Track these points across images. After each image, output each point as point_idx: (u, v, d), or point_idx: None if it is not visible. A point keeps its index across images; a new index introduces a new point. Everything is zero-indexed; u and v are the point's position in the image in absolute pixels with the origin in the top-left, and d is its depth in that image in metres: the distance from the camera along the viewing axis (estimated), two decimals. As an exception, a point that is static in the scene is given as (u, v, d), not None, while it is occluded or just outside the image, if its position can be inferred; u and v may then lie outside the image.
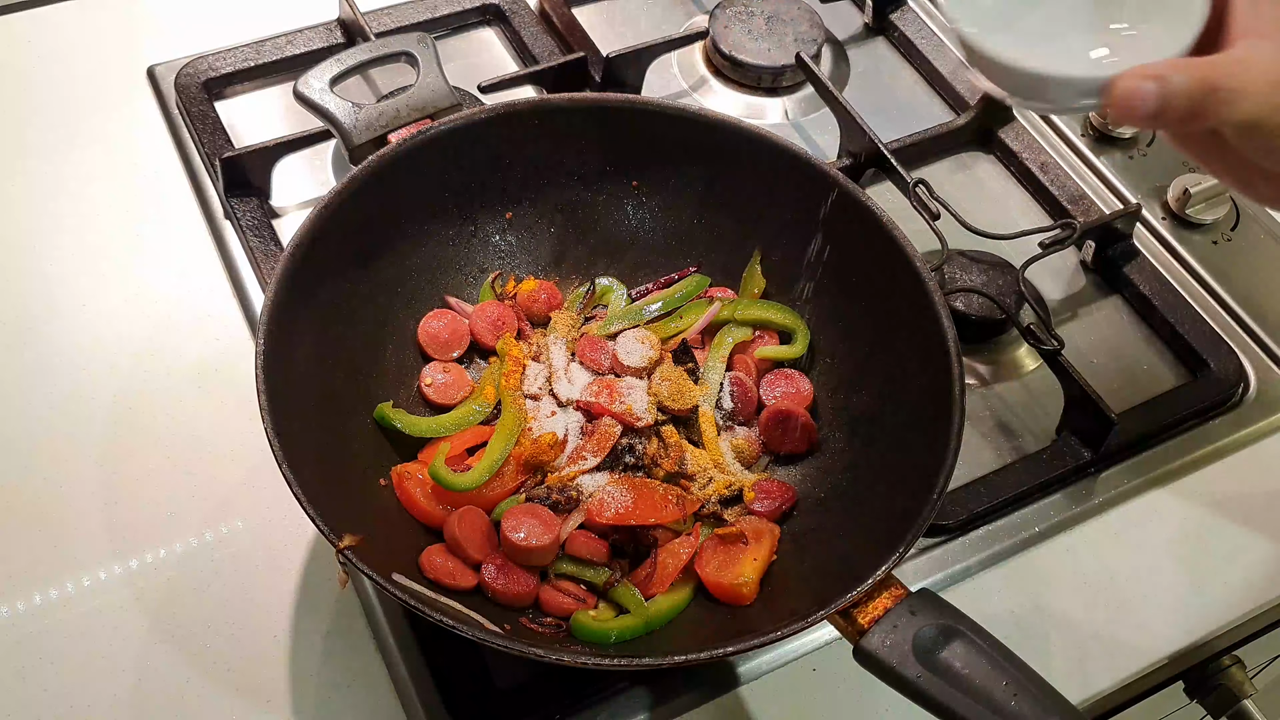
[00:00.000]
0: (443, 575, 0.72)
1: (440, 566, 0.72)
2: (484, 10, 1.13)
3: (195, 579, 0.79)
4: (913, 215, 0.93)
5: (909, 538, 0.67)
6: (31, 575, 0.78)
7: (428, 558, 0.73)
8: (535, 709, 0.75)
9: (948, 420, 0.72)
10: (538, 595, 0.74)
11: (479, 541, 0.73)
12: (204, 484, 0.83)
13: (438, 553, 0.73)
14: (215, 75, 1.03)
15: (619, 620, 0.72)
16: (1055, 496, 0.88)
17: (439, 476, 0.74)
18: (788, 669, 0.79)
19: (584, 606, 0.73)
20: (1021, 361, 0.96)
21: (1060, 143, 1.10)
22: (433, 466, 0.74)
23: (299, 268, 0.74)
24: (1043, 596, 0.84)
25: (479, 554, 0.73)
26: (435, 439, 0.79)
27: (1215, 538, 0.88)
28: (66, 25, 1.09)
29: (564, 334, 0.85)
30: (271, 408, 0.68)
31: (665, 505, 0.75)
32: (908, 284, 0.78)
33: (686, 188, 0.88)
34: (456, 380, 0.83)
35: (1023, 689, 0.62)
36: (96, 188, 0.98)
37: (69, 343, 0.89)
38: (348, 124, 0.86)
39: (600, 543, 0.75)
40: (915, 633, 0.64)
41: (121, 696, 0.74)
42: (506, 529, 0.73)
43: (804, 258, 0.86)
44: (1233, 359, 0.95)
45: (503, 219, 0.87)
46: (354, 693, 0.76)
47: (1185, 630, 0.84)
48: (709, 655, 0.65)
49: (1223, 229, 1.05)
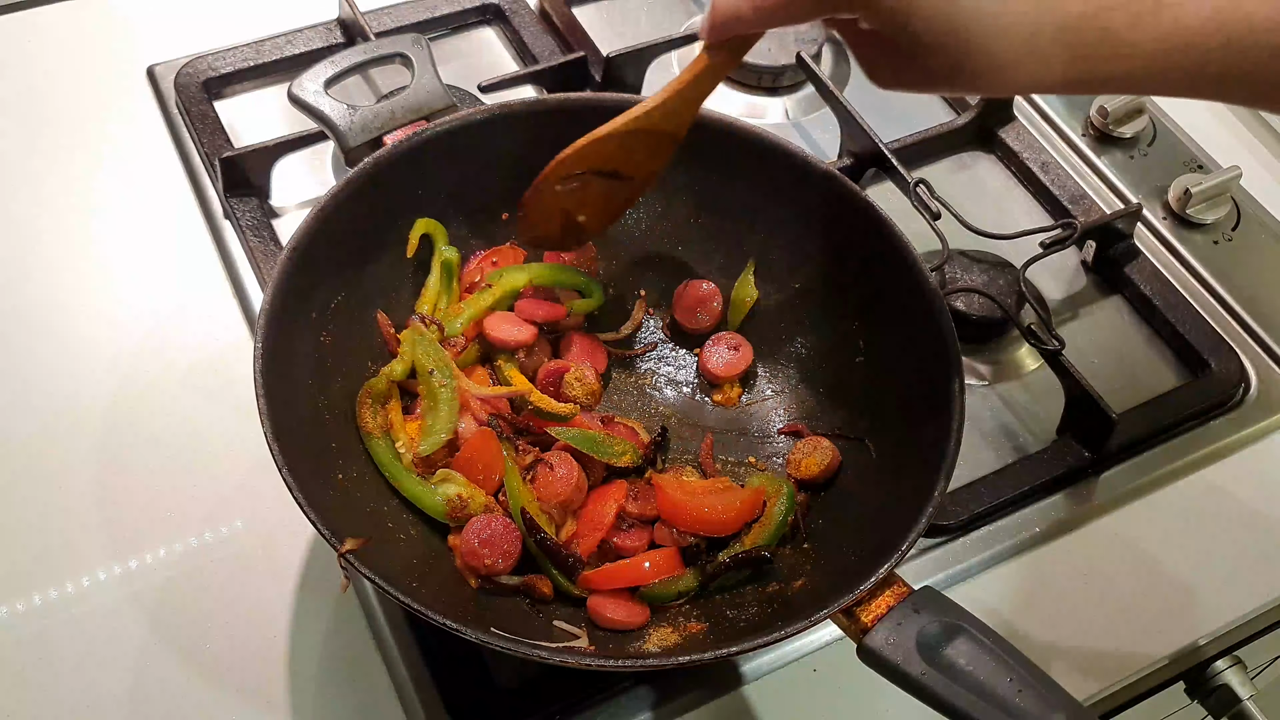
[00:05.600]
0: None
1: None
2: (484, 10, 1.13)
3: (195, 579, 0.79)
4: (913, 215, 0.93)
5: (910, 537, 0.67)
6: (31, 575, 0.78)
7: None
8: (535, 709, 0.75)
9: (948, 420, 0.72)
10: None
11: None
12: (204, 484, 0.83)
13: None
14: (215, 75, 1.03)
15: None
16: (1055, 497, 0.88)
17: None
18: (789, 669, 0.79)
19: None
20: (1022, 361, 0.96)
21: (1061, 142, 1.10)
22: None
23: (296, 270, 0.74)
24: (1043, 596, 0.84)
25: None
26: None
27: (1215, 538, 0.88)
28: (66, 25, 1.09)
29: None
30: (270, 411, 0.67)
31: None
32: (908, 284, 0.78)
33: (685, 188, 0.88)
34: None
35: (1027, 685, 0.62)
36: (96, 187, 0.98)
37: (68, 342, 0.89)
38: (343, 126, 0.86)
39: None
40: (919, 630, 0.64)
41: (121, 696, 0.74)
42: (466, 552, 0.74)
43: (803, 257, 0.86)
44: (1233, 359, 0.95)
45: (500, 220, 0.87)
46: (354, 693, 0.76)
47: (1185, 630, 0.83)
48: (710, 655, 0.65)
49: (1223, 229, 1.05)
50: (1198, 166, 1.08)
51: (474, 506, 0.75)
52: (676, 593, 0.75)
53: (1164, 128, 1.11)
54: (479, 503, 0.75)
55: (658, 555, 0.75)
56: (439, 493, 0.75)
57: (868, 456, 0.80)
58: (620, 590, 0.74)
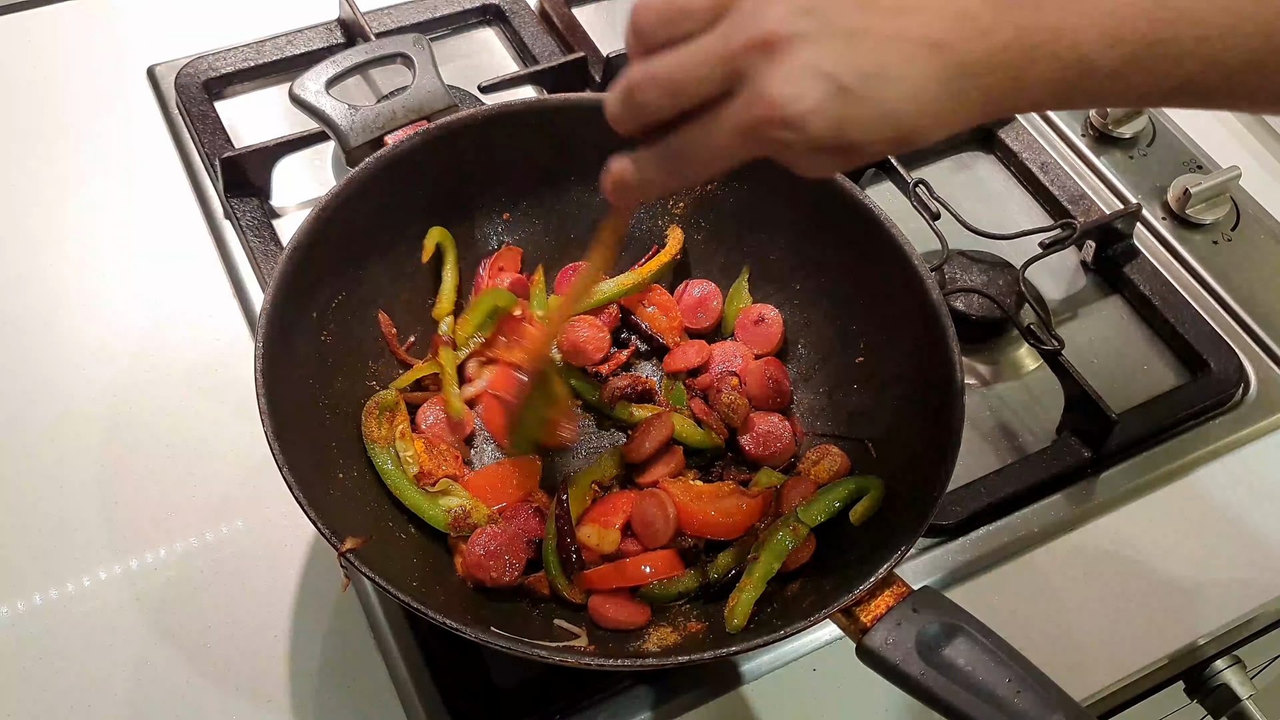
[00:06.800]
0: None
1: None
2: (484, 10, 1.13)
3: (195, 579, 0.79)
4: (913, 215, 0.93)
5: (910, 536, 0.67)
6: (31, 575, 0.78)
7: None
8: (535, 709, 0.75)
9: (948, 420, 0.72)
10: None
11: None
12: (204, 484, 0.83)
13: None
14: (215, 75, 1.03)
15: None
16: (1055, 496, 0.88)
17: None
18: (788, 669, 0.79)
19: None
20: (1021, 361, 0.96)
21: (1060, 143, 1.10)
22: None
23: (297, 271, 0.74)
24: (1043, 596, 0.84)
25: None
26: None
27: (1215, 538, 0.88)
28: (67, 25, 1.09)
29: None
30: (271, 411, 0.67)
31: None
32: (907, 284, 0.78)
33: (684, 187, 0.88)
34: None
35: (1026, 685, 0.62)
36: (96, 187, 0.98)
37: (69, 343, 0.89)
38: (344, 126, 0.86)
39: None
40: (918, 630, 0.64)
41: (121, 696, 0.74)
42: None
43: (803, 258, 0.86)
44: (1233, 359, 0.95)
45: (500, 220, 0.87)
46: (354, 693, 0.76)
47: (1184, 630, 0.84)
48: (710, 655, 0.65)
49: (1223, 229, 1.05)
50: (1197, 167, 1.08)
51: (476, 518, 0.75)
52: (676, 593, 0.75)
53: (1163, 128, 1.11)
54: (481, 514, 0.75)
55: (658, 556, 0.75)
56: (440, 504, 0.75)
57: (868, 457, 0.80)
58: (620, 590, 0.74)
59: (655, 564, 0.75)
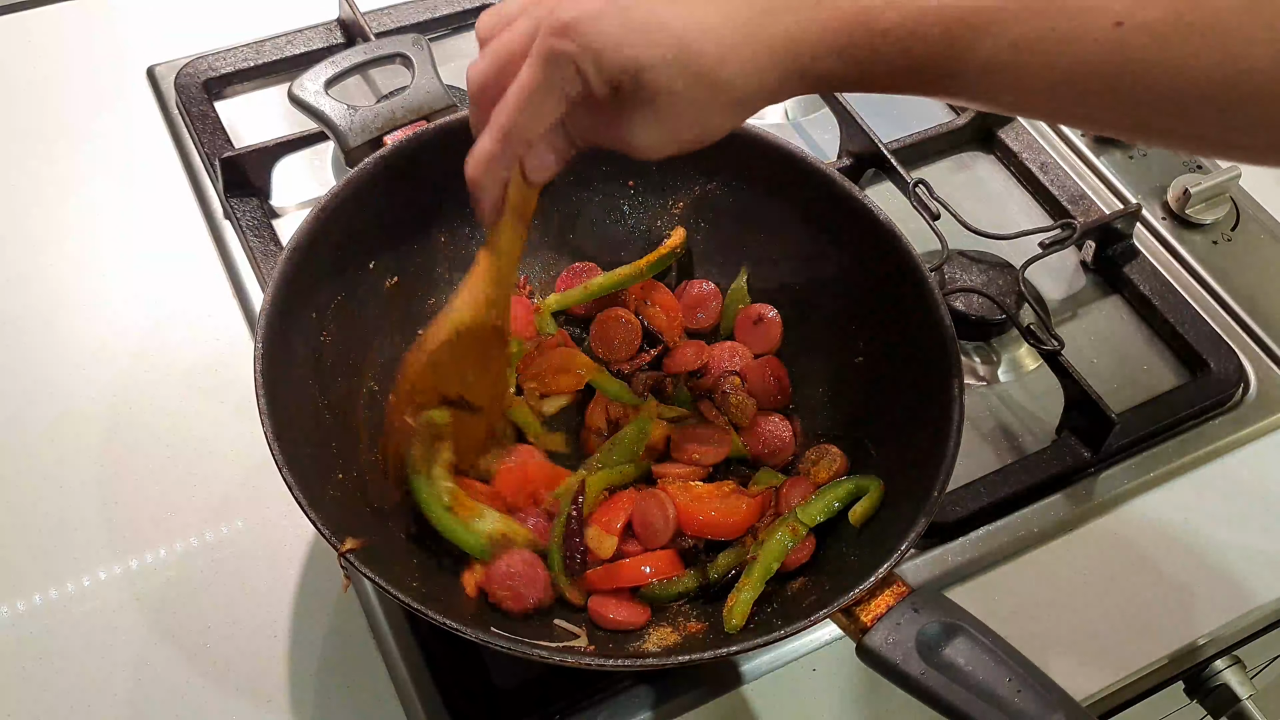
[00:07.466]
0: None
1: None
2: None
3: (195, 579, 0.79)
4: (913, 215, 0.93)
5: (910, 536, 0.67)
6: (31, 575, 0.78)
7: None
8: (535, 709, 0.75)
9: (948, 420, 0.72)
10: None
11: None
12: (204, 484, 0.83)
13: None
14: (215, 75, 1.03)
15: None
16: (1055, 496, 0.88)
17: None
18: (788, 669, 0.79)
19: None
20: (1021, 361, 0.96)
21: (1060, 143, 1.10)
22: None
23: (296, 271, 0.73)
24: (1042, 596, 0.84)
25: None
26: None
27: (1214, 537, 0.88)
28: (66, 25, 1.09)
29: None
30: (271, 412, 0.67)
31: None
32: (907, 284, 0.78)
33: (682, 188, 0.88)
34: None
35: (1026, 685, 0.62)
36: (96, 187, 0.98)
37: (69, 343, 0.89)
38: (343, 126, 0.86)
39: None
40: (918, 630, 0.64)
41: (121, 696, 0.74)
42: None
43: (803, 258, 0.86)
44: (1233, 359, 0.95)
45: (502, 219, 0.87)
46: (354, 693, 0.76)
47: (1184, 630, 0.84)
48: (710, 655, 0.65)
49: (1223, 229, 1.05)
50: (1196, 166, 1.08)
51: (519, 542, 0.73)
52: (676, 593, 0.75)
53: (1163, 128, 1.11)
54: (522, 537, 0.73)
55: (658, 556, 0.75)
56: (476, 529, 0.73)
57: (868, 457, 0.80)
58: (620, 590, 0.74)
59: (655, 564, 0.75)
